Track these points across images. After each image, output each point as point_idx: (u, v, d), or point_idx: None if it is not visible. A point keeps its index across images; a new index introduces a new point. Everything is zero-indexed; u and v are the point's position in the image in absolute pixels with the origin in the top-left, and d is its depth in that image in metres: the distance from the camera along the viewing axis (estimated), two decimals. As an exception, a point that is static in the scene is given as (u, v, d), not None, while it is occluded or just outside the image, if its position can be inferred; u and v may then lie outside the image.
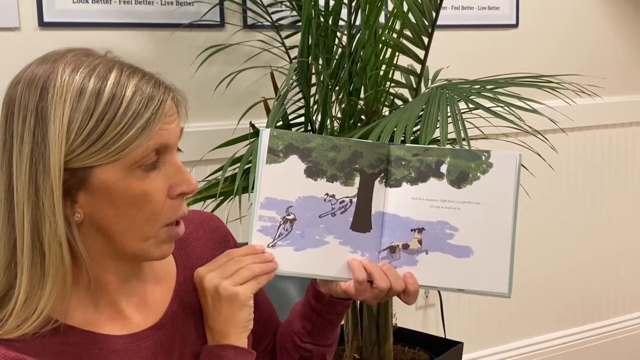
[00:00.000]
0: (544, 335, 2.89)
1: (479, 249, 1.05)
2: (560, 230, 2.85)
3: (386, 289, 1.03)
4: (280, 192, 1.04)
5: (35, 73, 0.87)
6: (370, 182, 1.07)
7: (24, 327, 0.85)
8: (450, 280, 1.06)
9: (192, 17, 2.06)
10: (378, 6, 1.78)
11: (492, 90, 1.69)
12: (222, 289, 0.96)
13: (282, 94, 1.63)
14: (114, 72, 0.87)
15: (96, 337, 0.92)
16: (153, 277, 1.01)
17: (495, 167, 1.06)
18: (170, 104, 0.90)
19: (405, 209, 1.07)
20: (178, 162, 0.93)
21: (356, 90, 1.86)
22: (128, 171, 0.87)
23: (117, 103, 0.85)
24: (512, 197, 1.05)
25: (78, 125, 0.84)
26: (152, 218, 0.90)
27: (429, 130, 1.50)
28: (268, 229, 1.03)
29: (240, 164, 1.56)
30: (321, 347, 1.13)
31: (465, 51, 2.54)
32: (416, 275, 1.05)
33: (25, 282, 0.85)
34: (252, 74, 2.07)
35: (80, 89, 0.85)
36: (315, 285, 1.09)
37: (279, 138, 1.04)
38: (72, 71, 0.86)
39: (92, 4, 1.96)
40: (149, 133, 0.87)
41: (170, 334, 0.99)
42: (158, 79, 0.91)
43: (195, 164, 1.91)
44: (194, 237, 1.08)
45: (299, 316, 1.13)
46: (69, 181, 0.86)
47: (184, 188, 0.92)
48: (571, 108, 2.01)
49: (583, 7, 2.80)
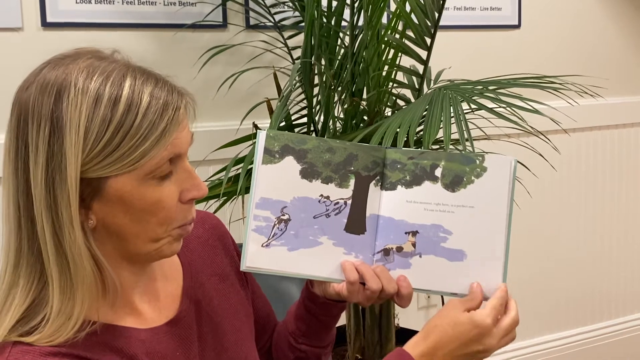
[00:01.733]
0: (545, 336, 2.89)
1: (472, 252, 1.05)
2: (562, 231, 2.85)
3: (378, 290, 1.03)
4: (276, 192, 1.05)
5: (47, 78, 0.86)
6: (365, 184, 1.08)
7: (61, 335, 0.85)
8: (443, 284, 1.06)
9: (194, 18, 2.06)
10: (380, 7, 1.78)
11: (495, 90, 1.69)
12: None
13: (285, 95, 1.63)
14: (128, 79, 0.87)
15: (121, 329, 0.93)
16: (162, 274, 1.02)
17: (490, 171, 1.06)
18: (183, 111, 0.90)
19: (400, 212, 1.08)
20: (189, 167, 0.93)
21: (359, 90, 1.86)
22: (142, 181, 0.88)
23: (134, 113, 0.85)
24: (506, 201, 1.05)
25: (95, 136, 0.84)
26: (165, 222, 0.91)
27: (433, 131, 1.50)
28: (262, 229, 1.04)
29: (244, 165, 1.56)
30: (316, 349, 1.13)
31: (467, 52, 2.54)
32: (410, 278, 1.06)
33: (57, 291, 0.85)
34: (254, 74, 2.07)
35: (96, 99, 0.85)
36: (309, 287, 1.10)
37: (275, 139, 1.05)
38: (86, 78, 0.85)
39: (95, 5, 1.96)
40: (164, 143, 0.87)
41: (187, 328, 1.00)
42: (171, 85, 0.91)
43: (198, 164, 1.91)
44: (195, 234, 1.10)
45: (294, 317, 1.13)
46: (85, 190, 0.86)
47: (194, 193, 0.93)
48: (573, 109, 2.01)
49: (585, 8, 2.80)
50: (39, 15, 1.90)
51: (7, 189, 0.88)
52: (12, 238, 0.87)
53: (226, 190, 1.69)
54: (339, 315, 1.13)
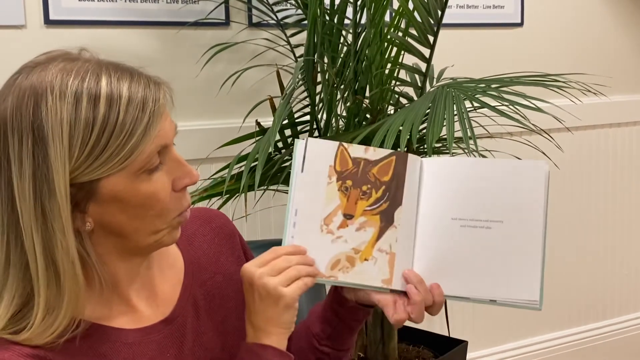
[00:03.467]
0: (548, 334, 2.89)
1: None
2: (565, 229, 2.85)
3: (419, 302, 1.02)
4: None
5: (23, 88, 0.85)
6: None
7: (44, 335, 0.86)
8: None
9: (197, 16, 2.06)
10: (383, 5, 1.78)
11: (498, 89, 1.68)
12: (271, 287, 0.95)
13: (287, 93, 1.63)
14: (103, 77, 0.86)
15: (109, 330, 0.93)
16: (162, 271, 1.02)
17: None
18: (163, 101, 0.89)
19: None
20: (178, 156, 0.93)
21: (361, 88, 1.86)
22: (134, 177, 0.87)
23: (115, 111, 0.84)
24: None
25: (80, 140, 0.83)
26: (162, 214, 0.91)
27: (436, 129, 1.50)
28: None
29: (247, 162, 1.56)
30: (339, 352, 1.12)
31: (470, 50, 2.53)
32: (443, 285, 1.04)
33: (43, 303, 0.85)
34: (257, 72, 2.07)
35: (75, 102, 0.83)
36: (340, 290, 1.08)
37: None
38: (61, 83, 0.84)
39: (98, 2, 1.96)
40: (151, 137, 0.87)
41: (181, 326, 1.00)
42: (146, 76, 0.90)
43: (201, 162, 1.91)
44: (201, 233, 1.09)
45: (320, 319, 1.12)
46: (77, 195, 0.86)
47: (187, 181, 0.93)
48: (577, 107, 2.00)
49: (588, 6, 2.80)
50: (42, 13, 1.90)
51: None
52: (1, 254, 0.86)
53: (229, 188, 1.69)
54: (365, 319, 1.12)
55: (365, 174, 1.04)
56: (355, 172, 1.04)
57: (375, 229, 1.04)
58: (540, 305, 1.04)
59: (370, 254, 1.03)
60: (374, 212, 1.04)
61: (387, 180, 1.05)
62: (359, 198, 1.04)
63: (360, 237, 1.03)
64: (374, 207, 1.04)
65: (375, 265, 1.03)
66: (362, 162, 1.05)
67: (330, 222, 1.03)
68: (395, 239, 1.04)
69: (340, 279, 1.02)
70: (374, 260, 1.03)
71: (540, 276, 1.03)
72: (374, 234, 1.04)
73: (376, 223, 1.04)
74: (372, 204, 1.04)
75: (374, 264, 1.03)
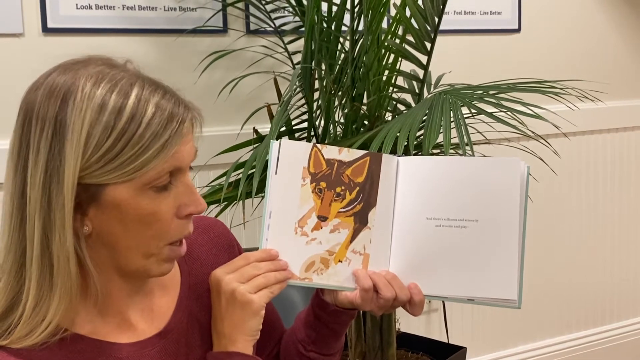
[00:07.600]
0: (546, 340, 2.89)
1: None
2: (563, 235, 2.85)
3: (391, 298, 1.03)
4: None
5: (56, 82, 0.86)
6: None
7: (33, 336, 0.85)
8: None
9: (195, 23, 2.07)
10: (381, 12, 1.78)
11: (495, 95, 1.69)
12: (239, 293, 0.96)
13: (285, 100, 1.63)
14: (135, 88, 0.87)
15: (103, 345, 0.92)
16: (158, 284, 1.01)
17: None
18: (188, 124, 0.90)
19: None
20: (189, 182, 0.93)
21: (359, 95, 1.86)
22: (140, 191, 0.87)
23: (137, 122, 0.85)
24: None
25: (96, 142, 0.84)
26: (158, 236, 0.91)
27: (433, 136, 1.50)
28: None
29: (244, 169, 1.56)
30: (325, 356, 1.12)
31: (467, 56, 2.54)
32: (420, 285, 1.05)
33: (34, 290, 0.85)
34: (255, 79, 2.07)
35: (101, 105, 0.85)
36: (320, 294, 1.09)
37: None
38: (93, 85, 0.86)
39: (95, 10, 1.96)
40: (165, 155, 0.87)
41: (175, 341, 0.99)
42: (178, 97, 0.91)
43: (199, 169, 1.92)
44: (198, 243, 1.09)
45: (304, 324, 1.12)
46: (81, 195, 0.86)
47: (192, 209, 0.93)
48: (574, 113, 2.01)
49: (585, 12, 2.81)
50: (40, 21, 1.90)
51: (7, 189, 0.88)
52: (5, 237, 0.88)
53: (227, 196, 1.70)
54: (349, 322, 1.11)
55: (339, 175, 1.05)
56: (329, 173, 1.04)
57: (349, 231, 1.04)
58: (519, 304, 1.04)
59: (344, 255, 1.04)
60: (348, 213, 1.04)
61: (361, 182, 1.05)
62: (333, 200, 1.04)
63: (335, 238, 1.04)
64: (348, 209, 1.05)
65: (349, 266, 1.04)
66: (336, 164, 1.05)
67: (305, 224, 1.03)
68: (370, 240, 1.05)
69: (314, 280, 1.03)
70: (347, 261, 1.04)
71: (517, 275, 1.03)
72: (348, 236, 1.04)
73: (350, 224, 1.04)
74: (346, 205, 1.05)
75: (347, 265, 1.04)
